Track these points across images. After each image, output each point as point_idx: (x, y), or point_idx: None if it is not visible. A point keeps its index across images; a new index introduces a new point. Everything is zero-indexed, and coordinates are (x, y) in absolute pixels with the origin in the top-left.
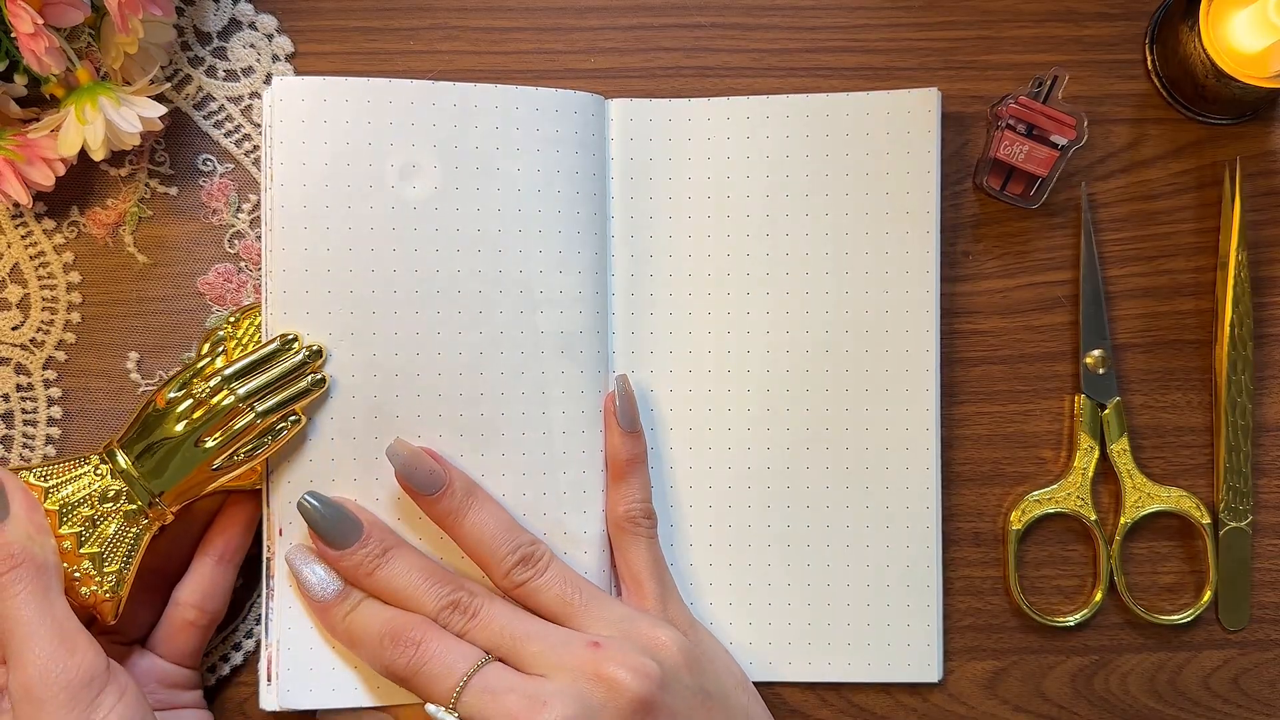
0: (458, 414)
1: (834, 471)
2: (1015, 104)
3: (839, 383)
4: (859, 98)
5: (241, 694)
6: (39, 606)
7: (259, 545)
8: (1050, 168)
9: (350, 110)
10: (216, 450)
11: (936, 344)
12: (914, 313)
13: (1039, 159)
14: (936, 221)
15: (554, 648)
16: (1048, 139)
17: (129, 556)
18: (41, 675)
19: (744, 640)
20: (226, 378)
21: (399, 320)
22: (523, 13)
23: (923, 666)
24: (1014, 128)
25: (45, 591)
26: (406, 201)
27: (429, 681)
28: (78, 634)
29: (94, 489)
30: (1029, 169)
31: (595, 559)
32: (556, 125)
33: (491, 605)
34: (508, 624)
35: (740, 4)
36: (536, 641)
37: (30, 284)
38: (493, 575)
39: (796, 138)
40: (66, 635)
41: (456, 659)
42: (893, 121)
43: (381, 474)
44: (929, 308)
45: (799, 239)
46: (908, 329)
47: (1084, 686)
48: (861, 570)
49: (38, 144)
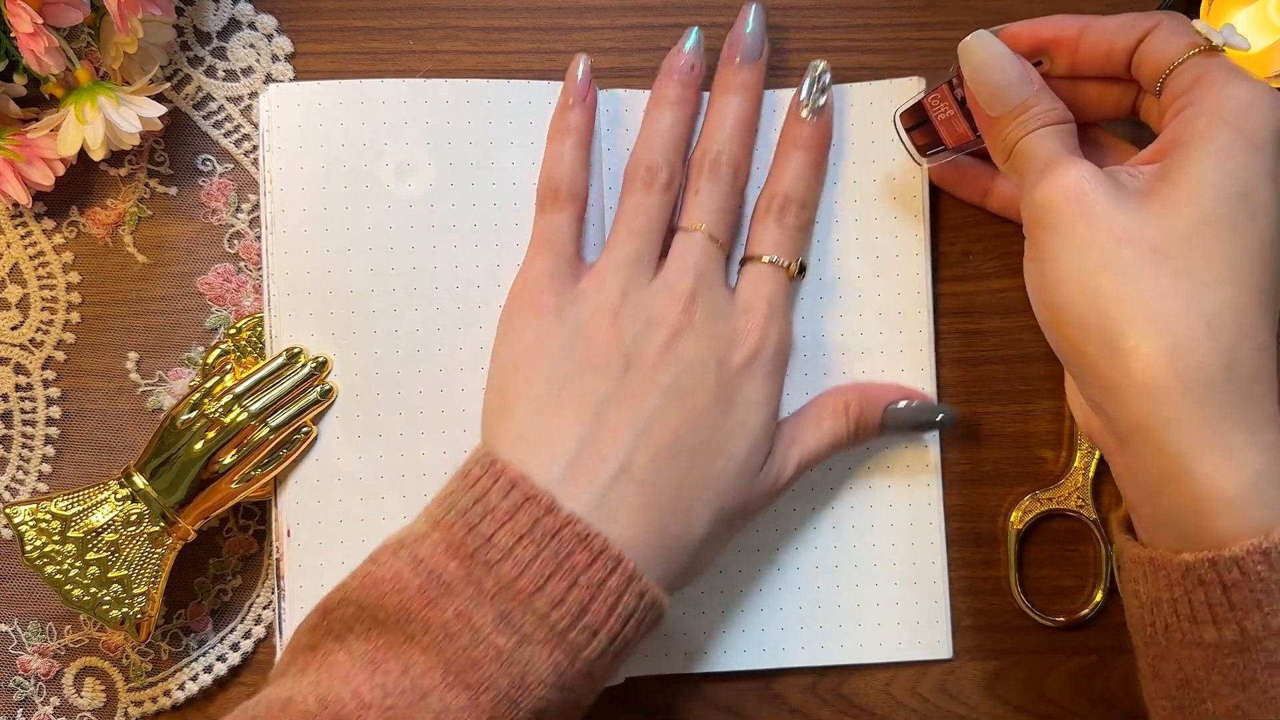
0: (460, 410)
1: (837, 471)
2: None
3: (838, 382)
4: (840, 90)
5: (242, 694)
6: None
7: (259, 545)
8: (958, 145)
9: (345, 113)
10: (233, 467)
11: (931, 343)
12: (907, 313)
13: (954, 131)
14: (926, 213)
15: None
16: (972, 120)
17: (155, 576)
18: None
19: (755, 626)
20: (237, 395)
21: (399, 318)
22: (523, 12)
23: (933, 644)
24: (953, 88)
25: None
26: (403, 200)
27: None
28: None
29: (116, 514)
30: (940, 132)
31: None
32: (550, 117)
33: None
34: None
35: (740, 4)
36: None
37: (29, 284)
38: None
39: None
40: None
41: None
42: (876, 111)
43: (385, 470)
44: (922, 308)
45: None
46: (901, 330)
47: (1085, 686)
48: (868, 551)
49: (37, 144)
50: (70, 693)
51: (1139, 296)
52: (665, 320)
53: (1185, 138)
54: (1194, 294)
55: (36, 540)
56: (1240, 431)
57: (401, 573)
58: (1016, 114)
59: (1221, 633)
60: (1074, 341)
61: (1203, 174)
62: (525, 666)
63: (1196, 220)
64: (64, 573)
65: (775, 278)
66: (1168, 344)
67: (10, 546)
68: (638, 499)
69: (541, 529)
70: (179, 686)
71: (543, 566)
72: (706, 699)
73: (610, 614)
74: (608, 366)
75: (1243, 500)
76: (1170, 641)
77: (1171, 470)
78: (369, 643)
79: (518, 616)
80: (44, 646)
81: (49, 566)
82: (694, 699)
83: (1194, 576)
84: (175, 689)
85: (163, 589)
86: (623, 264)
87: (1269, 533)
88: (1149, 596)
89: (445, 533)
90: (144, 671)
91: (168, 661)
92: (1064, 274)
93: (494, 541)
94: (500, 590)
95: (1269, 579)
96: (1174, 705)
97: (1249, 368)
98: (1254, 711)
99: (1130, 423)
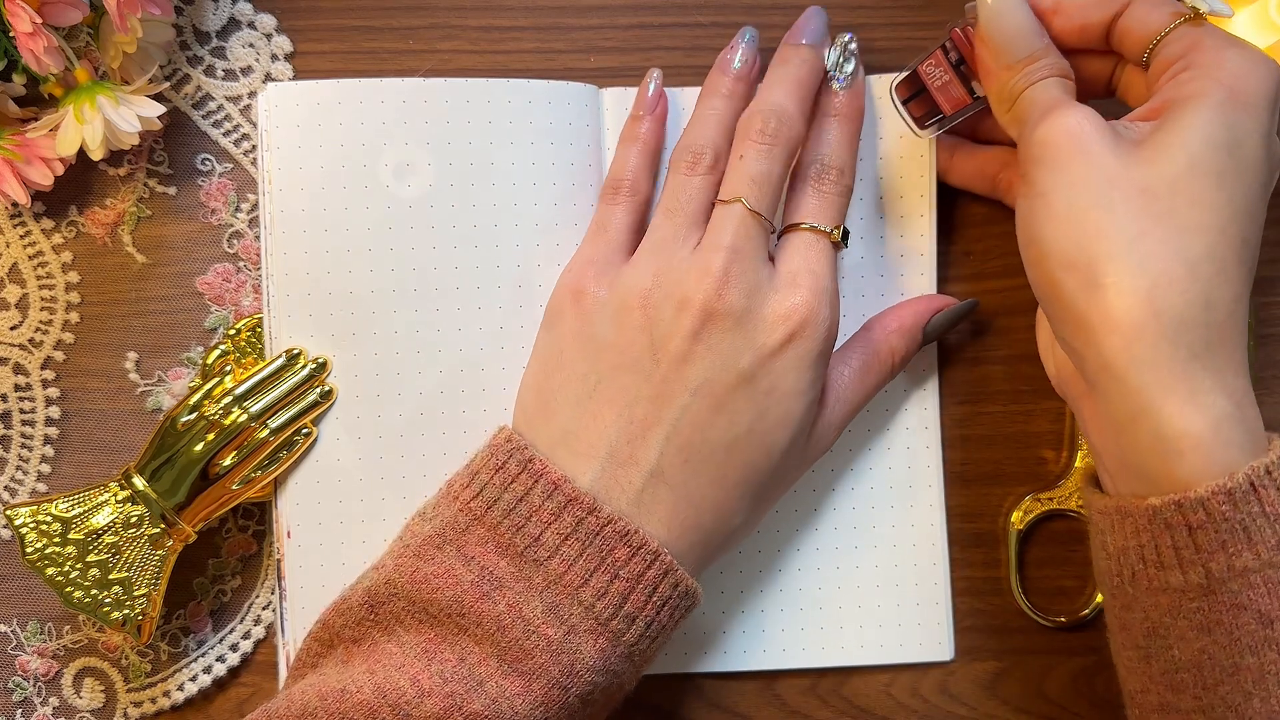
0: (460, 410)
1: (838, 472)
2: (961, 31)
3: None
4: None
5: (241, 694)
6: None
7: (258, 546)
8: (955, 110)
9: (343, 112)
10: (233, 468)
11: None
12: None
13: (951, 95)
14: (932, 210)
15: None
16: (970, 82)
17: (156, 578)
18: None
19: (755, 626)
20: (237, 397)
21: (399, 318)
22: (523, 12)
23: (934, 645)
24: (947, 52)
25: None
26: (402, 200)
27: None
28: None
29: (117, 516)
30: (937, 100)
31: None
32: (550, 117)
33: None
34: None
35: (740, 3)
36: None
37: (29, 284)
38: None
39: None
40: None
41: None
42: (883, 107)
43: (386, 470)
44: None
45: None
46: None
47: (1085, 687)
48: (869, 552)
49: (36, 143)
50: (69, 693)
51: (1124, 235)
52: (694, 302)
53: (1180, 96)
54: (1177, 237)
55: (37, 542)
56: (1208, 375)
57: (453, 568)
58: (1025, 64)
59: (1187, 576)
60: (1055, 278)
61: (1196, 125)
62: (574, 655)
63: (1186, 166)
64: (65, 574)
65: (818, 245)
66: (1147, 283)
67: (10, 547)
68: (670, 500)
69: (585, 529)
70: (178, 687)
71: (587, 562)
72: (706, 699)
73: (647, 602)
74: (639, 361)
75: (1207, 441)
76: (1137, 590)
77: (1137, 410)
78: (421, 635)
79: (565, 608)
80: (43, 647)
81: (50, 568)
82: (694, 699)
83: (1160, 521)
84: (174, 689)
85: (164, 591)
86: (658, 245)
87: (1233, 473)
88: (1116, 546)
89: (491, 531)
90: (143, 672)
91: (167, 662)
92: (1055, 209)
93: (541, 541)
94: (549, 585)
95: (1233, 519)
96: (1141, 655)
97: (1222, 314)
98: (1219, 654)
99: (1099, 362)
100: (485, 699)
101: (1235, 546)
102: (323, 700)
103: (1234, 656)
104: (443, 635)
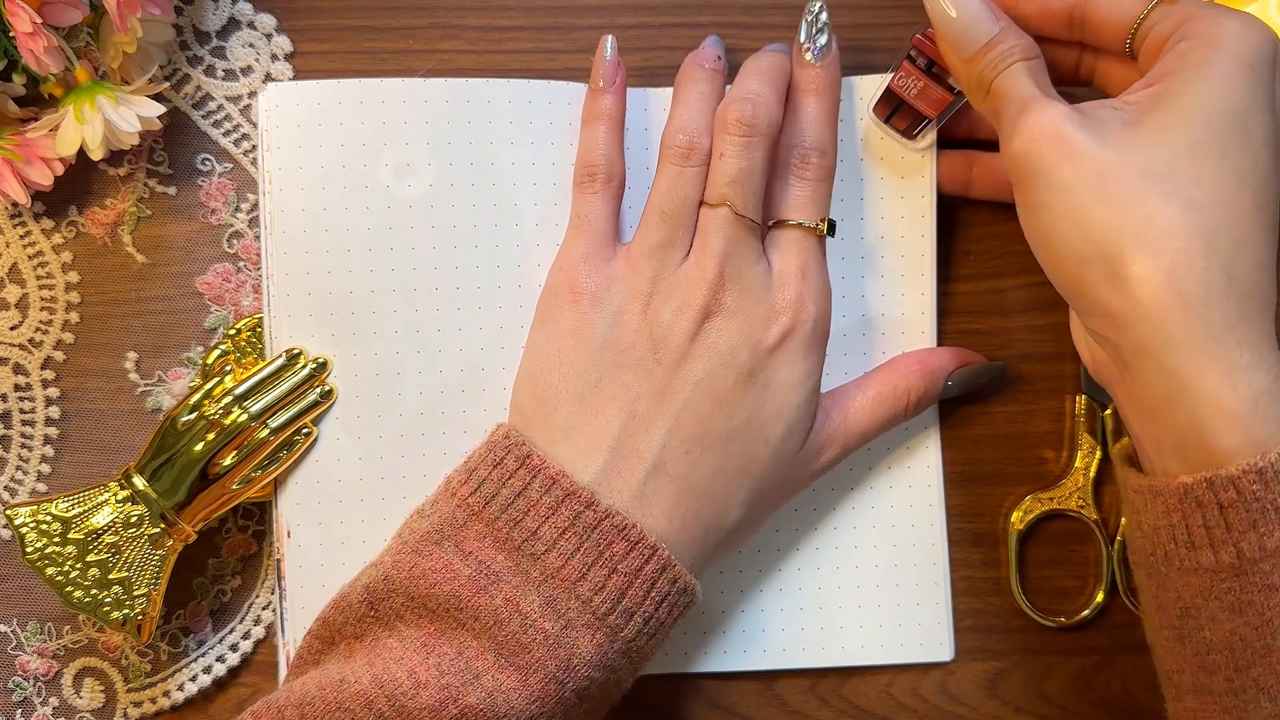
0: (460, 410)
1: (838, 472)
2: (922, 35)
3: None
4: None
5: (241, 694)
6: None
7: (258, 546)
8: (940, 110)
9: (343, 112)
10: (233, 468)
11: (934, 342)
12: (909, 314)
13: (931, 99)
14: (933, 212)
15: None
16: (945, 80)
17: (156, 578)
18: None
19: (755, 626)
20: (237, 397)
21: (399, 318)
22: (523, 12)
23: (935, 645)
24: (914, 60)
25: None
26: (402, 200)
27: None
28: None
29: (117, 516)
30: (919, 107)
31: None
32: (549, 117)
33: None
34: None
35: (740, 3)
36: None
37: (29, 284)
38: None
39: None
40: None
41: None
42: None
43: (386, 470)
44: (924, 310)
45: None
46: (904, 331)
47: (1085, 687)
48: (869, 552)
49: (36, 143)
50: (69, 693)
51: (1132, 222)
52: (693, 305)
53: (1179, 67)
54: (1187, 215)
55: (37, 542)
56: (1244, 349)
57: (451, 563)
58: (985, 51)
59: (1218, 556)
60: (1074, 276)
61: (1198, 97)
62: (571, 649)
63: (1187, 145)
64: (65, 574)
65: (804, 242)
66: (1166, 264)
67: (10, 547)
68: (671, 492)
69: (583, 523)
70: (178, 687)
71: (584, 557)
72: (706, 699)
73: (645, 598)
74: (641, 360)
75: (1245, 417)
76: (1170, 570)
77: (1174, 390)
78: (420, 629)
79: (562, 602)
80: (43, 647)
81: (50, 568)
82: (694, 699)
83: (1191, 499)
84: (174, 689)
85: (164, 590)
86: (654, 249)
87: (1265, 452)
88: (1150, 525)
89: (489, 526)
90: (143, 672)
91: (167, 662)
92: (1055, 215)
93: (539, 535)
94: (546, 579)
95: (1264, 499)
96: (1175, 635)
97: (1247, 284)
98: (1251, 636)
99: (1133, 347)
100: (481, 692)
101: (1267, 526)
102: (321, 690)
103: (1265, 638)
104: (441, 629)
